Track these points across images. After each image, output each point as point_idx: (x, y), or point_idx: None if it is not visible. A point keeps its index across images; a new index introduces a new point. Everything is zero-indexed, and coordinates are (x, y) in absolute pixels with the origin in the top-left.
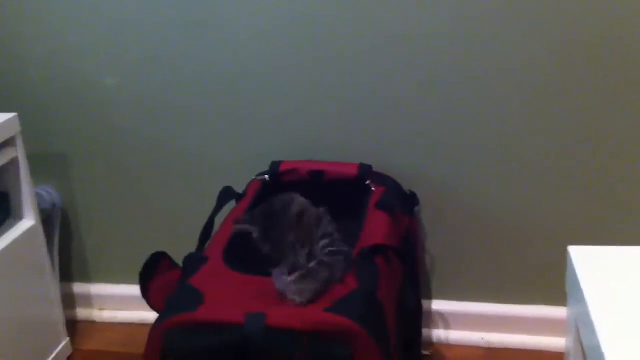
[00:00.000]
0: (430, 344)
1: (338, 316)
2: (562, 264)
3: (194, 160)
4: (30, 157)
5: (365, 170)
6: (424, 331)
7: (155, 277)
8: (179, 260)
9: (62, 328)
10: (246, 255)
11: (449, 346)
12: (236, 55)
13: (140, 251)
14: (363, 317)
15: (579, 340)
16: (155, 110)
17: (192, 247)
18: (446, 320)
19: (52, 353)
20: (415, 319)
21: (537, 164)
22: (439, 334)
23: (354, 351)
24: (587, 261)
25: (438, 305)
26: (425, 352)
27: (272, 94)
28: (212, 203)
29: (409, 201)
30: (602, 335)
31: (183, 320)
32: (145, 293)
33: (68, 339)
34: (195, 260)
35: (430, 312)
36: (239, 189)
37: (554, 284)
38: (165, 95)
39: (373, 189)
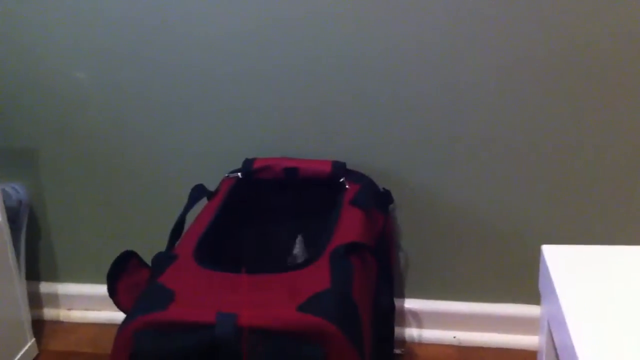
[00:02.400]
0: (403, 342)
1: (312, 316)
2: (536, 263)
3: (164, 157)
4: None
5: (339, 168)
6: (396, 330)
7: (123, 277)
8: (149, 260)
9: (27, 328)
10: (217, 252)
11: (421, 345)
12: (209, 51)
13: (110, 250)
14: (337, 317)
15: (551, 339)
16: (124, 106)
17: (162, 246)
18: (418, 319)
19: (17, 354)
20: (388, 317)
21: (512, 163)
22: (411, 332)
23: (328, 351)
24: (560, 260)
25: (410, 303)
26: (397, 351)
27: (246, 90)
28: (183, 201)
29: (384, 199)
30: (575, 334)
31: (153, 320)
32: (113, 294)
33: (34, 339)
34: (164, 259)
35: (402, 311)
36: (211, 187)
37: (527, 282)
38: (136, 91)
39: (347, 186)
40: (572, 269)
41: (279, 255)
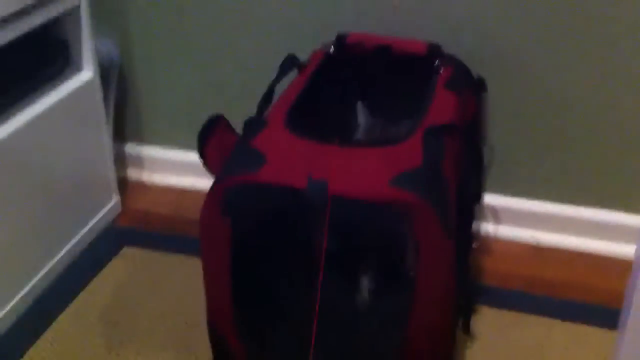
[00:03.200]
0: (478, 236)
1: (403, 190)
2: (628, 168)
3: (258, 25)
4: (91, 8)
5: (435, 50)
6: (473, 223)
7: (213, 137)
8: (238, 130)
9: (113, 186)
10: (309, 122)
11: (498, 241)
12: None
13: (197, 116)
14: (428, 194)
15: None
16: None
17: (252, 114)
18: (497, 215)
19: (102, 209)
20: (471, 207)
21: (623, 53)
22: (487, 227)
23: (416, 227)
24: None
25: (490, 198)
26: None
27: None
28: (273, 72)
29: (477, 87)
30: None
31: (244, 179)
32: (202, 153)
33: (119, 197)
34: (256, 123)
35: (481, 204)
36: (303, 58)
37: (615, 187)
38: None
39: (442, 69)
40: None
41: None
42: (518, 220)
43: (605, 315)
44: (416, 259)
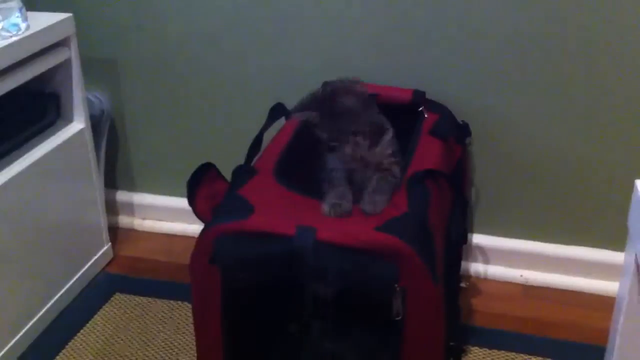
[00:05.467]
0: (468, 276)
1: (389, 235)
2: (610, 207)
3: (246, 75)
4: (82, 61)
5: (420, 97)
6: (462, 264)
7: (202, 186)
8: (226, 176)
9: (104, 233)
10: (296, 172)
11: (487, 280)
12: None
13: (186, 163)
14: (413, 239)
15: (637, 282)
16: (208, 20)
17: (239, 162)
18: (485, 255)
19: (94, 256)
20: (458, 247)
21: (597, 97)
22: (477, 267)
23: (401, 271)
24: None
25: (479, 239)
26: (461, 284)
27: (326, 14)
28: (262, 120)
29: (461, 131)
30: None
31: (233, 227)
32: (192, 201)
33: (110, 244)
34: (244, 172)
35: (470, 245)
36: (290, 106)
37: (601, 226)
38: (221, 7)
39: (426, 115)
40: None
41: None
42: (507, 260)
43: (596, 353)
44: (404, 304)
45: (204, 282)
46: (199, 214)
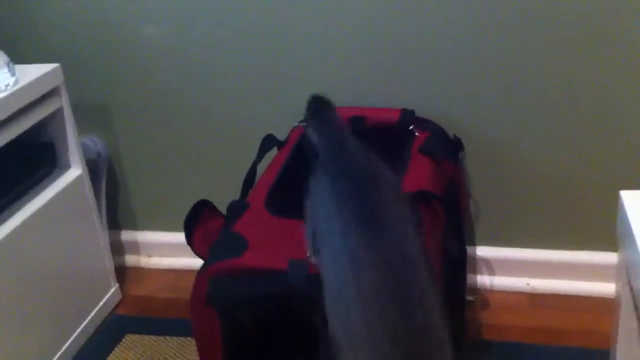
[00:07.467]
0: (475, 290)
1: None
2: (610, 210)
3: (235, 110)
4: (74, 108)
5: (408, 116)
6: (468, 277)
7: (199, 224)
8: (224, 208)
9: (111, 275)
10: (287, 201)
11: (493, 292)
12: (274, 8)
13: (185, 199)
14: None
15: (629, 286)
16: (197, 60)
17: (235, 195)
18: (490, 266)
19: (102, 299)
20: (458, 264)
21: (587, 109)
22: (483, 279)
23: None
24: (639, 205)
25: (482, 251)
26: (469, 298)
27: (312, 41)
28: (254, 152)
29: (454, 147)
30: None
31: (228, 266)
32: (190, 241)
33: (117, 285)
34: (237, 208)
35: (474, 258)
36: (281, 137)
37: (601, 229)
38: (208, 46)
39: (417, 134)
40: None
41: None
42: (512, 269)
43: (604, 358)
44: None
45: (204, 322)
46: (198, 253)
